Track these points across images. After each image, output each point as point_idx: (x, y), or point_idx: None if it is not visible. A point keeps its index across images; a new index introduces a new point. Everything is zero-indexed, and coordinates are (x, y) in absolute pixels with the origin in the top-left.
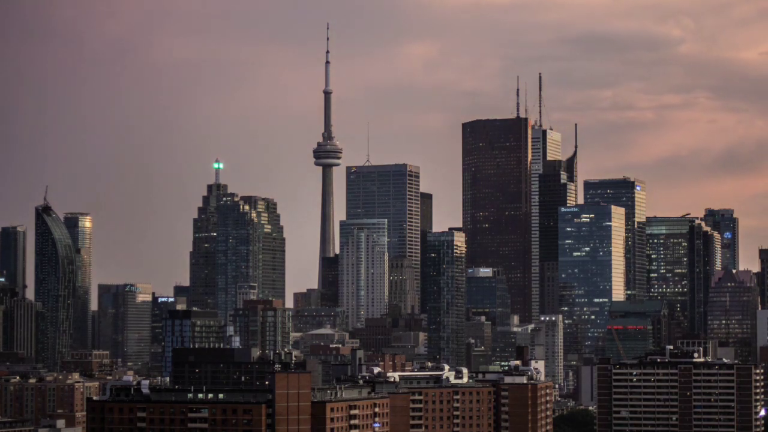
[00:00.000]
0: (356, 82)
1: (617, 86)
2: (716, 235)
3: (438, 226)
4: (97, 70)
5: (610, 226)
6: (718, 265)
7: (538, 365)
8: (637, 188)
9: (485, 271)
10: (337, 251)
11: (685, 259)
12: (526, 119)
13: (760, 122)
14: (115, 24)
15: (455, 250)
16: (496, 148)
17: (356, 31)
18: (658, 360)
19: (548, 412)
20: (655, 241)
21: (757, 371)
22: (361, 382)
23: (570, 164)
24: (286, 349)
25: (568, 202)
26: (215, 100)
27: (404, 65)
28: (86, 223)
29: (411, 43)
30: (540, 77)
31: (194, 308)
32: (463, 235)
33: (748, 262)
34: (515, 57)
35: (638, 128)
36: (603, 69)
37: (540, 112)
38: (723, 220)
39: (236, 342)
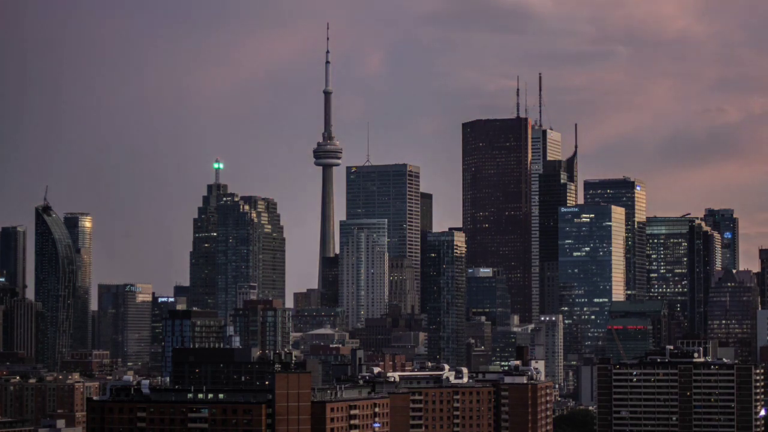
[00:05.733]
0: (357, 82)
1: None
2: (716, 235)
3: (438, 226)
4: (97, 70)
5: (610, 226)
6: (718, 265)
7: (538, 365)
8: (637, 188)
9: (485, 271)
10: (337, 251)
11: (685, 259)
12: (526, 119)
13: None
14: (115, 25)
15: (455, 250)
16: (496, 148)
17: (357, 30)
18: (658, 360)
19: (548, 412)
20: (655, 241)
21: (757, 371)
22: (361, 382)
23: (570, 164)
24: (286, 349)
25: (568, 202)
26: (215, 99)
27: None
28: (86, 223)
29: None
30: (540, 77)
31: (194, 308)
32: (463, 235)
33: (748, 262)
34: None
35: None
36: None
37: (540, 112)
38: (723, 220)
39: (236, 342)
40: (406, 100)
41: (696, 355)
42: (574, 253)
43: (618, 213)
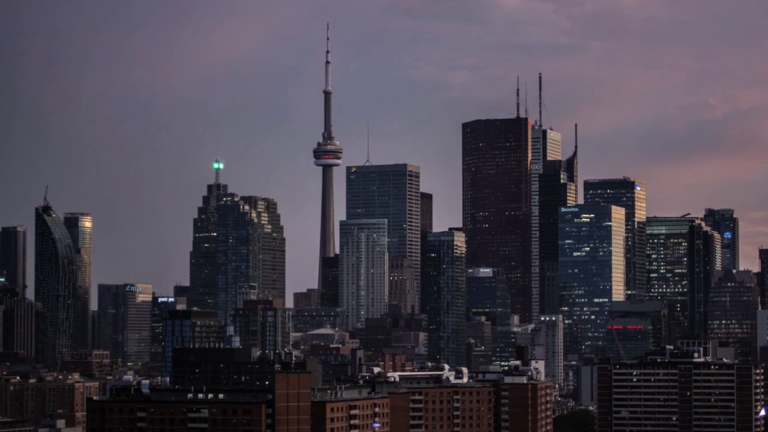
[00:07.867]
0: (357, 82)
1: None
2: (716, 235)
3: (438, 226)
4: (97, 69)
5: (610, 226)
6: (718, 265)
7: (538, 365)
8: (638, 188)
9: (485, 271)
10: (337, 251)
11: (685, 259)
12: (526, 119)
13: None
14: (116, 24)
15: (455, 250)
16: (496, 148)
17: (357, 30)
18: (658, 360)
19: (548, 412)
20: (655, 241)
21: (757, 371)
22: (361, 382)
23: (570, 164)
24: (286, 349)
25: (568, 202)
26: (215, 99)
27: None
28: (86, 223)
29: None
30: (540, 77)
31: (194, 308)
32: (463, 235)
33: (748, 262)
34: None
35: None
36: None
37: (540, 112)
38: (723, 220)
39: (236, 342)
40: (406, 99)
41: (696, 355)
42: (574, 253)
43: (618, 213)
